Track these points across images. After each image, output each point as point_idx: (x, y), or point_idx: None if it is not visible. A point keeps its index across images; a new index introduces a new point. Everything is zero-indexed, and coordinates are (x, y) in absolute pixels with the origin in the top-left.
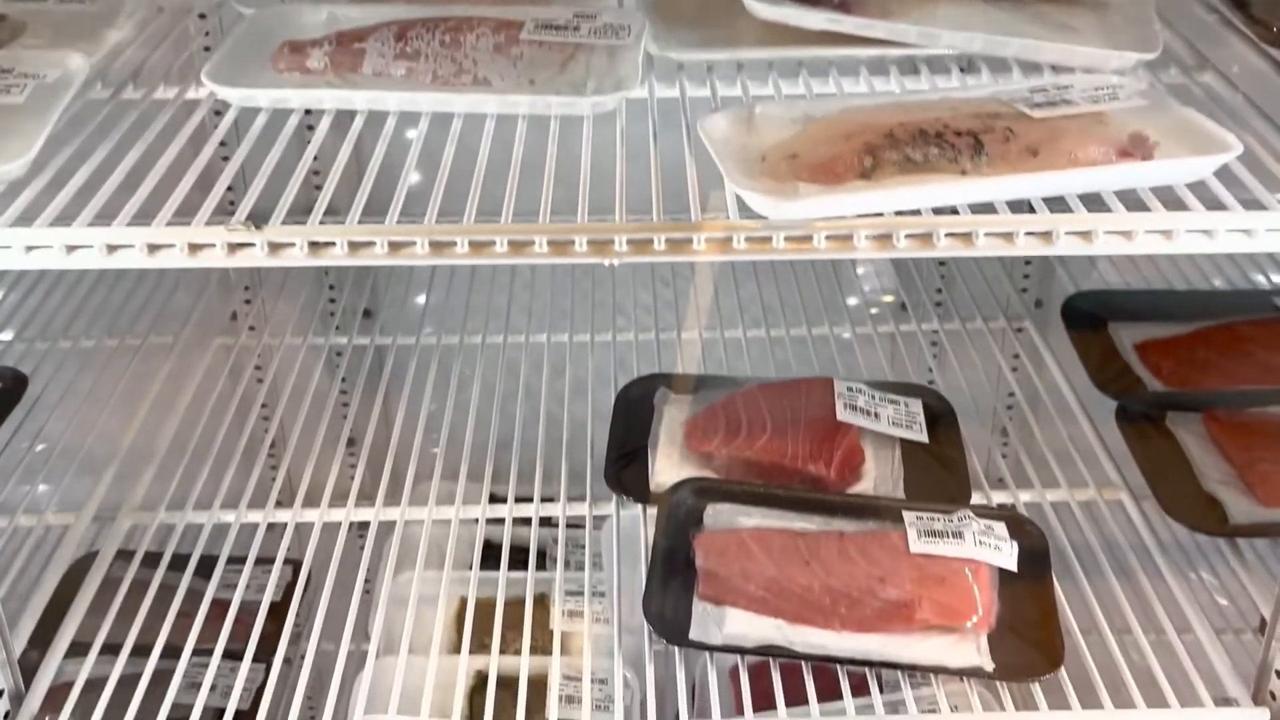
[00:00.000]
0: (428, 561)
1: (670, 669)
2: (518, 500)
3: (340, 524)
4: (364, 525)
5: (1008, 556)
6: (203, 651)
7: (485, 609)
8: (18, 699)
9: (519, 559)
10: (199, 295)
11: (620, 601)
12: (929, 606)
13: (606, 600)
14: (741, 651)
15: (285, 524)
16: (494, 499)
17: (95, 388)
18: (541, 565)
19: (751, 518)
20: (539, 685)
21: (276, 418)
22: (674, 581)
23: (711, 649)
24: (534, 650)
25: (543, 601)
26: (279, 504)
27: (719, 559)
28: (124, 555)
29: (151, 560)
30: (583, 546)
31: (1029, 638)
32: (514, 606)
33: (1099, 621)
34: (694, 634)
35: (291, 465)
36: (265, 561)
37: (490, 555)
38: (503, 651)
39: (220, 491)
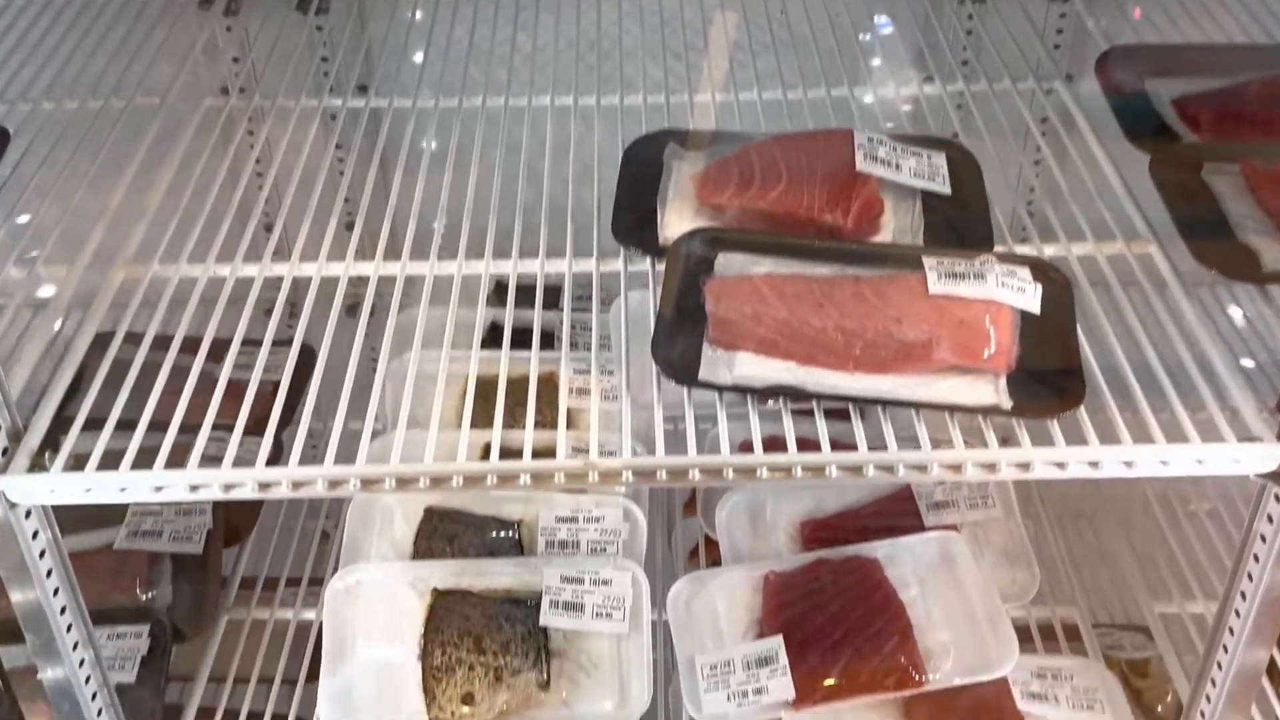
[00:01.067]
0: (429, 342)
1: (681, 447)
2: (522, 257)
3: (339, 279)
4: (362, 280)
5: (1030, 299)
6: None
7: (489, 385)
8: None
9: (523, 340)
10: (184, 62)
11: (629, 376)
12: (947, 346)
13: (615, 377)
14: (752, 391)
15: (281, 278)
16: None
17: (80, 151)
18: (549, 347)
19: (764, 266)
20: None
21: (270, 177)
22: (683, 328)
23: (721, 389)
24: (540, 425)
25: (549, 379)
26: (276, 257)
27: (729, 303)
28: (131, 338)
29: (160, 343)
30: (590, 329)
31: (1049, 380)
32: (518, 383)
33: (1122, 366)
34: (703, 375)
35: (288, 223)
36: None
37: (494, 340)
38: (508, 426)
39: (214, 249)
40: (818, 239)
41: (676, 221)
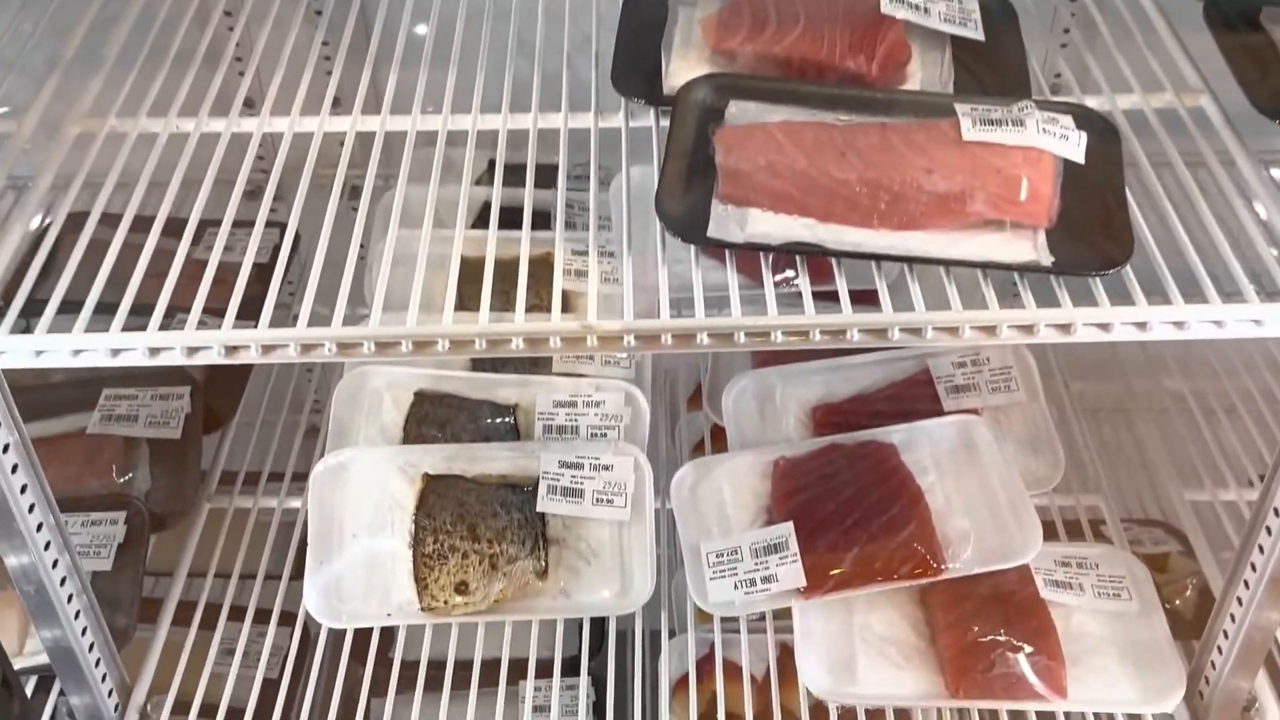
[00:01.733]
0: (415, 221)
1: None
2: (513, 111)
3: (312, 135)
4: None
5: (1074, 147)
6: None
7: (477, 268)
8: None
9: (514, 221)
10: None
11: (630, 240)
12: (982, 198)
13: (616, 259)
14: (766, 249)
15: (250, 135)
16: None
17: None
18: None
19: (779, 114)
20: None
21: (241, 22)
22: (690, 183)
23: (732, 246)
24: (534, 309)
25: (544, 260)
26: (246, 108)
27: (742, 154)
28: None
29: (139, 224)
30: (587, 209)
31: (1092, 236)
32: (509, 265)
33: (1172, 222)
34: (713, 233)
35: (260, 69)
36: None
37: (484, 223)
38: (499, 309)
39: (178, 100)
40: (839, 86)
41: (683, 70)
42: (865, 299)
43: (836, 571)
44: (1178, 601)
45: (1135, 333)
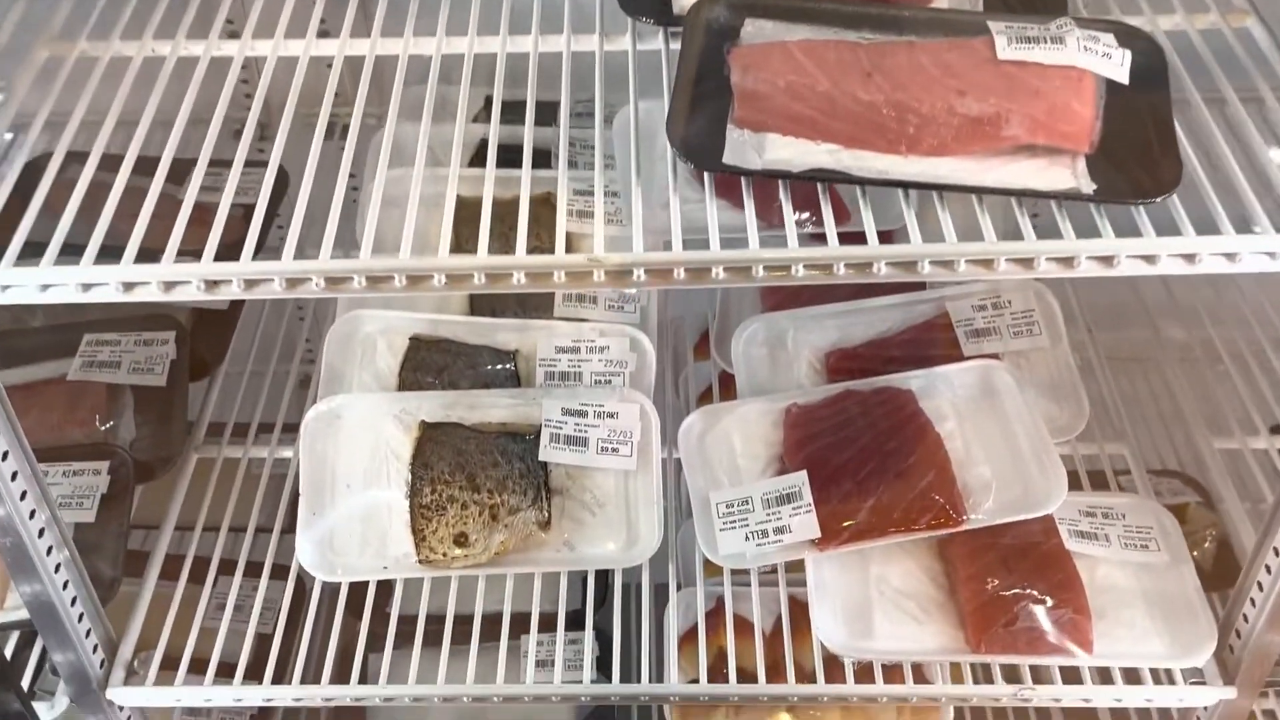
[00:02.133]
0: (408, 161)
1: None
2: (512, 34)
3: (298, 60)
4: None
5: (1117, 66)
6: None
7: (474, 208)
8: None
9: (512, 159)
10: None
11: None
12: (1018, 121)
13: (622, 199)
14: (785, 176)
15: (230, 59)
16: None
17: None
18: (545, 166)
19: (800, 33)
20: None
21: None
22: (703, 108)
23: (749, 173)
24: (535, 251)
25: (545, 200)
26: (228, 28)
27: (759, 74)
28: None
29: (113, 163)
30: (591, 147)
31: (1136, 162)
32: (509, 205)
33: (1221, 149)
34: (728, 160)
35: None
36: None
37: (479, 160)
38: (497, 253)
39: (152, 21)
40: (863, 3)
41: None
42: (885, 240)
43: (852, 522)
44: (1196, 553)
45: (1183, 265)
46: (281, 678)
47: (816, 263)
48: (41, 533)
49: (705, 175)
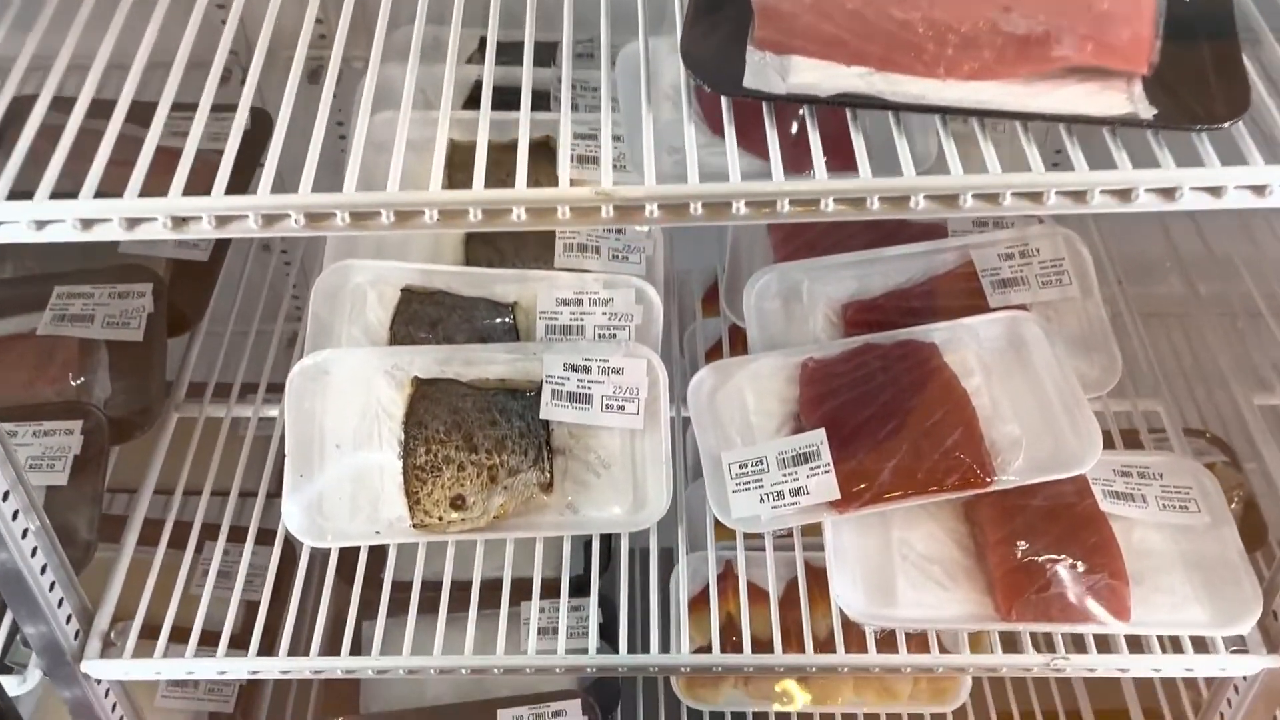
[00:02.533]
0: (396, 103)
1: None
2: None
3: None
4: None
5: None
6: None
7: (468, 153)
8: None
9: (509, 101)
10: None
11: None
12: (1070, 41)
13: (628, 143)
14: (812, 102)
15: None
16: None
17: None
18: (544, 109)
19: None
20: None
21: None
22: (721, 30)
23: (773, 98)
24: None
25: (545, 145)
26: None
27: None
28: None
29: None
30: (595, 88)
31: (1198, 86)
32: (506, 150)
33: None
34: (749, 84)
35: None
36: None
37: (473, 104)
38: None
39: None
40: None
41: None
42: None
43: (873, 483)
44: None
45: (1252, 198)
46: (269, 649)
47: (847, 195)
48: (5, 495)
49: (723, 106)
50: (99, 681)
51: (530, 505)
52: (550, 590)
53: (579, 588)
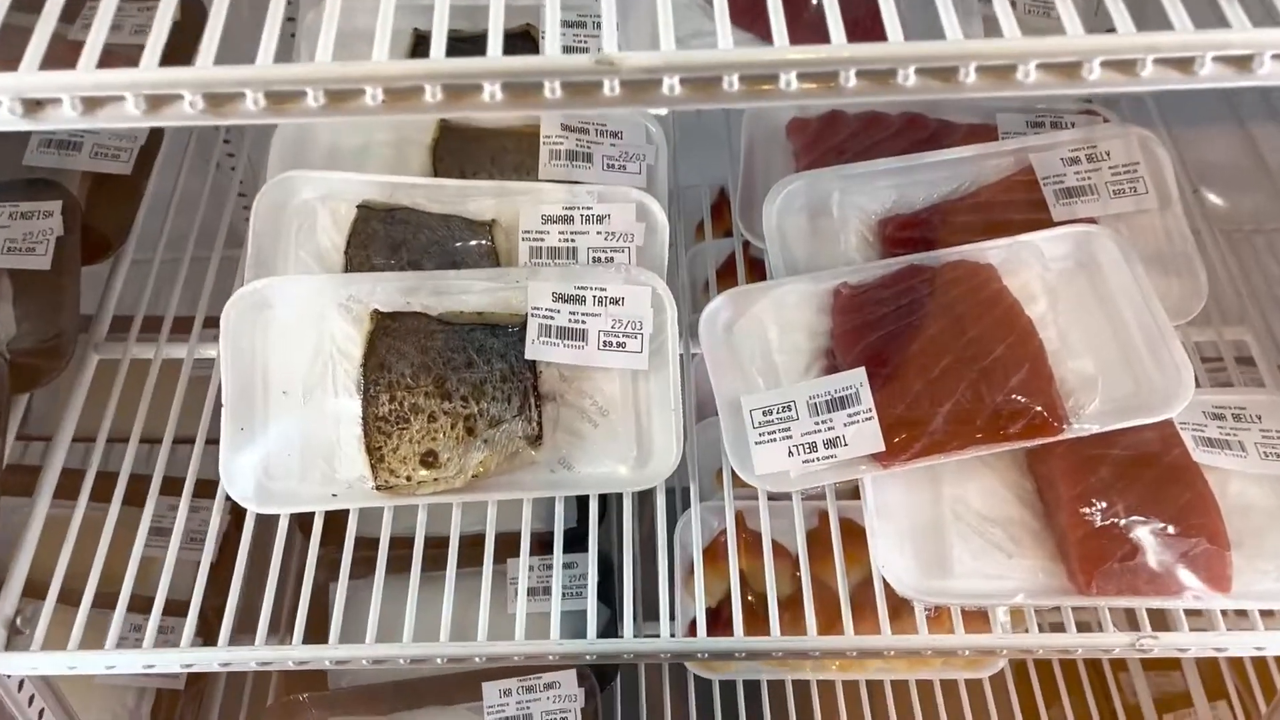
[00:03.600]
0: None
1: None
2: None
3: None
4: None
5: None
6: None
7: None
8: None
9: None
10: None
11: None
12: None
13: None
14: None
15: None
16: None
17: None
18: None
19: None
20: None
21: None
22: None
23: None
24: None
25: (526, 35)
26: None
27: None
28: None
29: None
30: None
31: None
32: (476, 41)
33: None
34: None
35: None
36: None
37: None
38: None
39: None
40: None
41: None
42: None
43: (924, 432)
44: None
45: None
46: (209, 635)
47: (934, 62)
48: None
49: None
50: (9, 676)
51: (515, 461)
52: (541, 546)
53: (572, 541)
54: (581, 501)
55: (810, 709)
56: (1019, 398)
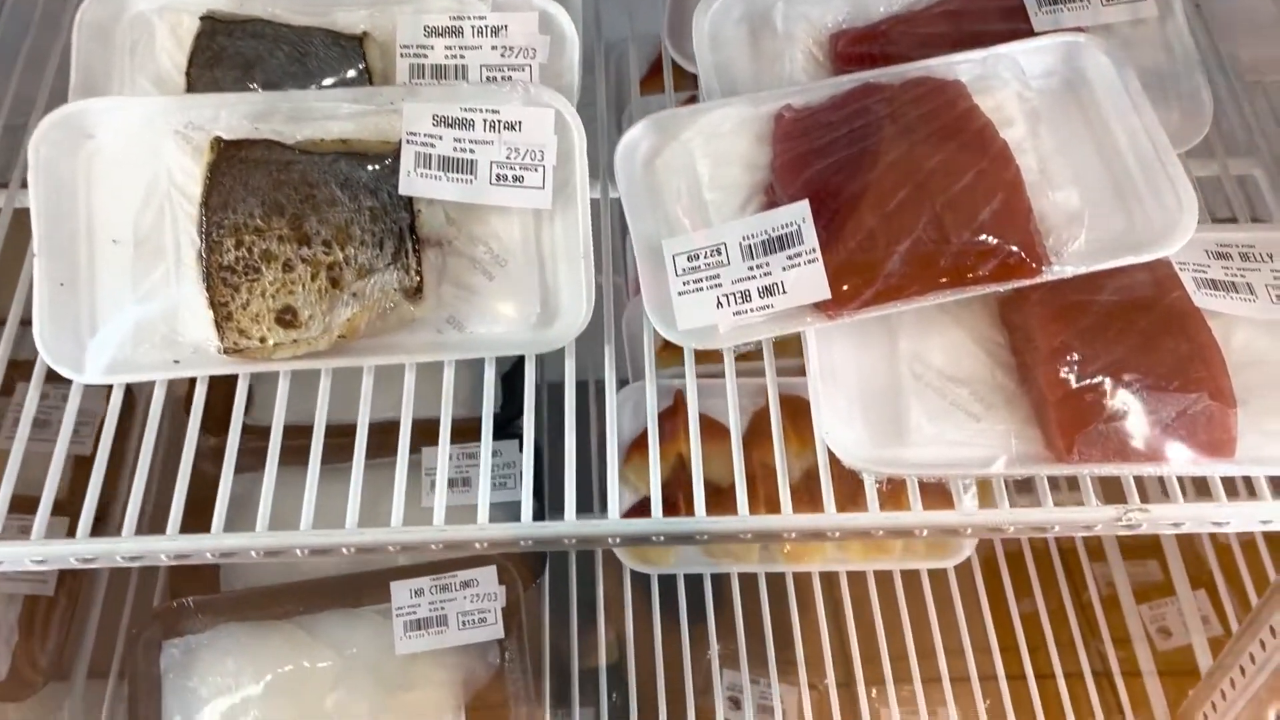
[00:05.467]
0: None
1: None
2: None
3: None
4: None
5: None
6: None
7: None
8: None
9: None
10: None
11: None
12: None
13: None
14: None
15: None
16: None
17: None
18: None
19: None
20: None
21: None
22: None
23: None
24: None
25: None
26: None
27: None
28: None
29: None
30: None
31: None
32: None
33: None
34: None
35: None
36: None
37: None
38: None
39: None
40: None
41: None
42: None
43: (877, 275)
44: None
45: None
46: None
47: None
48: None
49: None
50: None
51: (393, 320)
52: (462, 433)
53: (501, 429)
54: (511, 387)
55: (758, 603)
56: (990, 234)
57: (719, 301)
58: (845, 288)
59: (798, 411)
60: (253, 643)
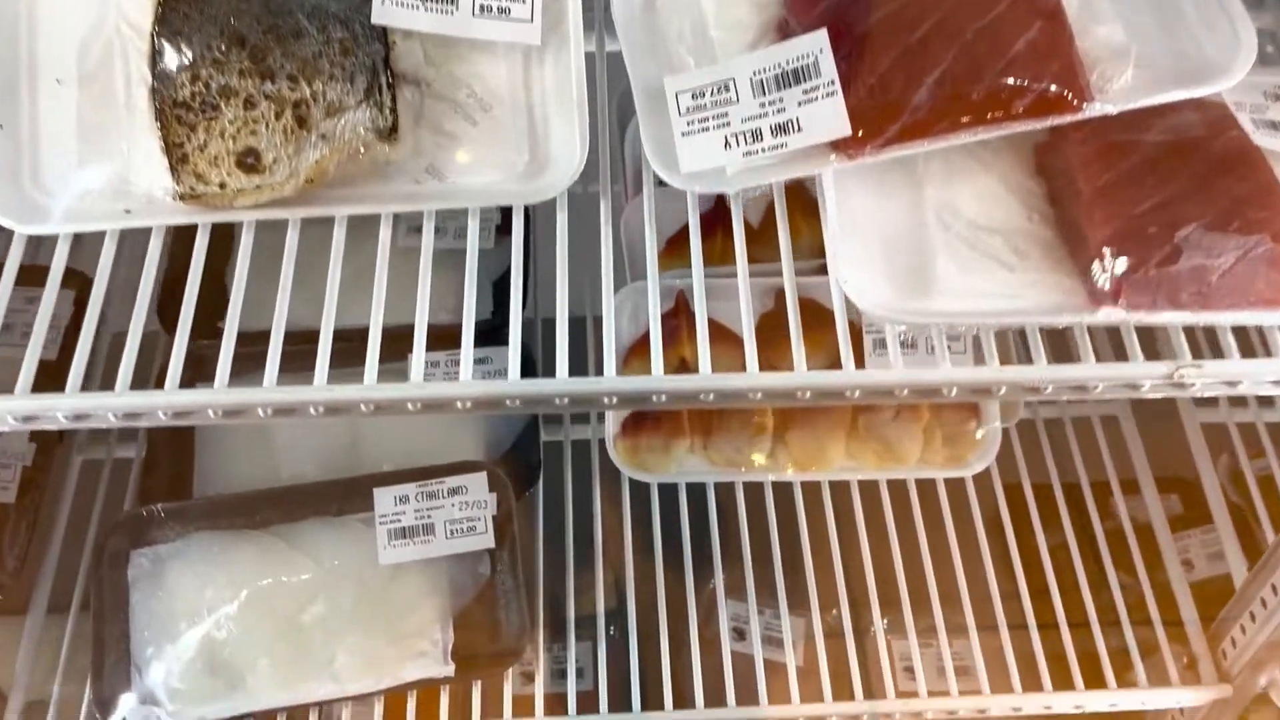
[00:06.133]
0: None
1: None
2: None
3: None
4: None
5: None
6: None
7: None
8: None
9: None
10: None
11: None
12: None
13: None
14: None
15: None
16: None
17: None
18: None
19: None
20: None
21: None
22: None
23: None
24: None
25: None
26: None
27: None
28: None
29: None
30: None
31: None
32: None
33: None
34: None
35: None
36: None
37: None
38: None
39: None
40: None
41: None
42: None
43: (902, 110)
44: None
45: None
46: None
47: None
48: None
49: None
50: None
51: (365, 164)
52: (445, 339)
53: (488, 335)
54: (500, 289)
55: (764, 514)
56: (1026, 66)
57: (727, 141)
58: (867, 124)
59: (810, 312)
60: (227, 553)
